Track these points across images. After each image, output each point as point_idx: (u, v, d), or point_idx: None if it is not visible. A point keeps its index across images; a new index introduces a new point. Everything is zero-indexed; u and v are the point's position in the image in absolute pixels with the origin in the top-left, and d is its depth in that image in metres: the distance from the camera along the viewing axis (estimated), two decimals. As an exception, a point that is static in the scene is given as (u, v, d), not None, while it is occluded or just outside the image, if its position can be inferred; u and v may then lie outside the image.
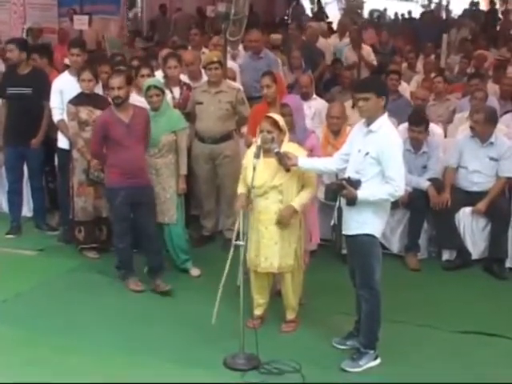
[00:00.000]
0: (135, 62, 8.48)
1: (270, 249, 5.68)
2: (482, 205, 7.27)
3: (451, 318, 6.24)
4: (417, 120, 7.57)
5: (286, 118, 5.91)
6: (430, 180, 7.47)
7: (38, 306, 6.38)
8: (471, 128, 7.45)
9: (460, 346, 5.79)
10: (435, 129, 8.13)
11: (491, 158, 7.34)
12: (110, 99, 7.31)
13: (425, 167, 7.58)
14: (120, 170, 6.49)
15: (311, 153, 5.92)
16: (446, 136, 8.59)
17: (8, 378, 5.12)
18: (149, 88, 6.74)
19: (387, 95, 5.27)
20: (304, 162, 5.53)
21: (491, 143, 7.35)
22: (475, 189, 7.41)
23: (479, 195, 7.37)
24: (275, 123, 5.58)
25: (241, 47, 10.55)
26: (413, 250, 7.50)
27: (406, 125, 7.70)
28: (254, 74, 8.04)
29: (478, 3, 23.79)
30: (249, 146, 6.67)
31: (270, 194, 5.60)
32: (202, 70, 7.90)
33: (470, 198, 7.42)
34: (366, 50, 12.00)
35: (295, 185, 5.64)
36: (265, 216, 5.66)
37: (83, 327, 5.97)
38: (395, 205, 6.31)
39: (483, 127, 7.33)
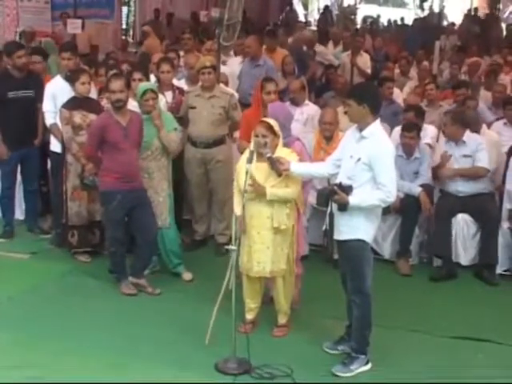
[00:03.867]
0: (125, 66, 8.50)
1: (262, 253, 5.69)
2: (449, 170, 7.41)
3: (442, 324, 6.27)
4: (408, 126, 7.62)
5: None
6: (421, 186, 7.51)
7: (30, 309, 6.37)
8: (443, 132, 7.69)
9: (451, 351, 5.81)
10: (429, 129, 8.27)
11: (464, 156, 7.42)
12: (103, 104, 7.37)
13: (416, 173, 7.62)
14: (116, 173, 6.50)
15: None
16: (437, 141, 8.67)
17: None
18: (145, 92, 6.74)
19: (373, 103, 5.23)
20: (296, 167, 5.55)
21: (463, 142, 7.44)
22: (460, 189, 7.45)
23: (468, 200, 7.40)
24: (270, 128, 5.61)
25: (231, 52, 10.59)
26: (404, 255, 7.52)
27: (398, 129, 7.79)
28: (252, 81, 8.06)
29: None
30: (242, 151, 6.69)
31: (261, 198, 5.61)
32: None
33: (461, 202, 7.45)
34: (364, 57, 12.03)
35: (287, 189, 5.65)
36: (257, 220, 5.67)
37: (75, 330, 5.96)
38: (387, 210, 6.33)
39: (450, 128, 7.48)
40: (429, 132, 8.28)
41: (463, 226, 7.47)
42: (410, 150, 7.57)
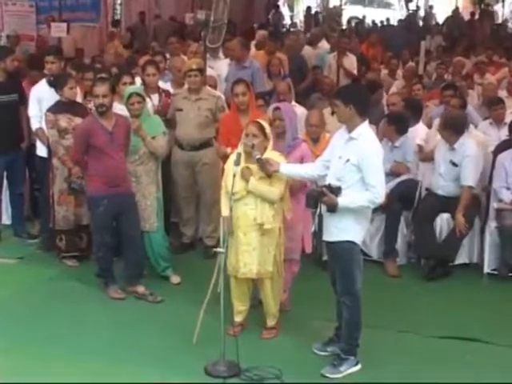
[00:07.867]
0: (114, 70, 8.48)
1: (249, 255, 5.68)
2: (459, 218, 7.24)
3: (431, 324, 6.28)
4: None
5: (277, 122, 5.94)
6: (406, 181, 7.62)
7: (17, 314, 6.34)
8: (439, 131, 7.61)
9: (440, 351, 5.82)
10: (420, 129, 8.35)
11: (452, 163, 7.37)
12: (90, 107, 7.33)
13: (395, 162, 7.68)
14: (103, 178, 6.47)
15: (302, 162, 5.92)
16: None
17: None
18: (130, 95, 6.73)
19: (360, 104, 5.22)
20: (285, 168, 5.55)
21: (453, 148, 7.38)
22: (440, 192, 7.48)
23: (450, 201, 7.39)
24: (262, 129, 5.60)
25: (220, 54, 10.59)
26: (391, 255, 7.52)
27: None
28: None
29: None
30: (221, 156, 6.69)
31: (248, 200, 5.61)
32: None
33: (443, 203, 7.47)
34: (351, 58, 12.04)
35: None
36: (243, 222, 5.67)
37: (63, 335, 5.94)
38: (376, 209, 6.33)
39: (442, 132, 7.47)
40: (419, 132, 8.30)
41: (447, 225, 7.46)
42: (391, 138, 7.76)
